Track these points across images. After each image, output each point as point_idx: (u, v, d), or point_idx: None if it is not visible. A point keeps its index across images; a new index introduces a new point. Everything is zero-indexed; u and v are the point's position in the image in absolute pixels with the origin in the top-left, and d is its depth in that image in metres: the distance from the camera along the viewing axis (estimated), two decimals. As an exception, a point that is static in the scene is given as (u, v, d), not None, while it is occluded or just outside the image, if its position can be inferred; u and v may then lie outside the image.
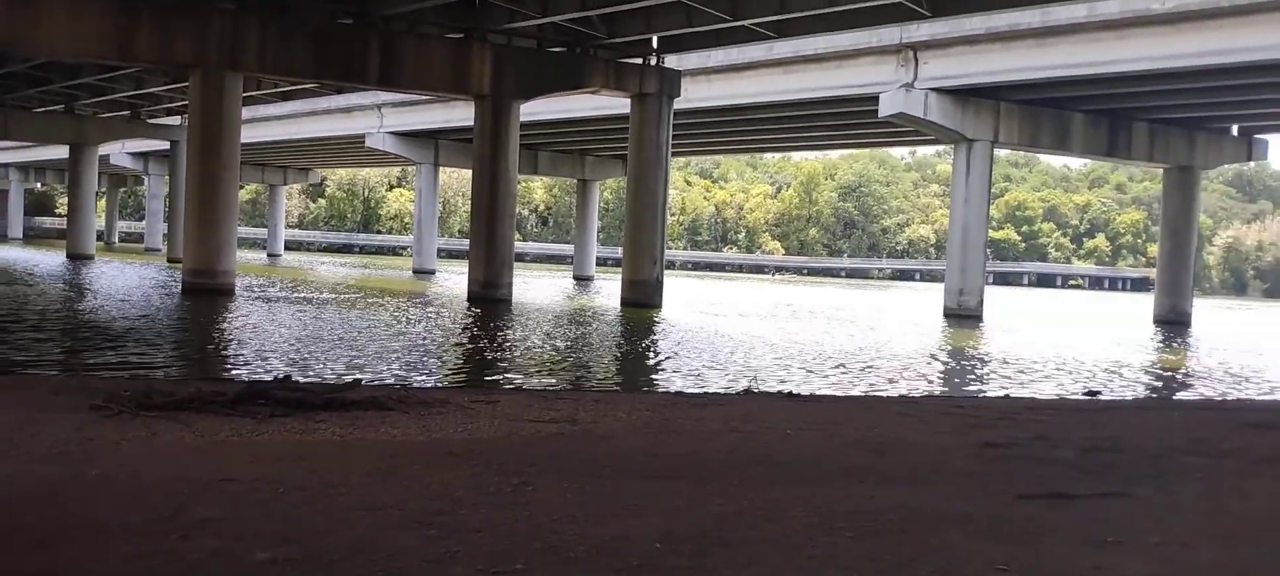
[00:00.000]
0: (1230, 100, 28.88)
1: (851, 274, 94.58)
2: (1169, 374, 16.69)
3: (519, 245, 78.02)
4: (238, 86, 23.89)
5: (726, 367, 13.61)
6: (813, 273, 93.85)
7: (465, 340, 16.45)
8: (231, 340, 14.68)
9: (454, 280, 38.23)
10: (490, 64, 25.55)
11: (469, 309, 23.49)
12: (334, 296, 26.27)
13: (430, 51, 25.48)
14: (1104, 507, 4.69)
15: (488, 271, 26.20)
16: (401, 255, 79.38)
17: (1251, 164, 46.54)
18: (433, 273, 47.44)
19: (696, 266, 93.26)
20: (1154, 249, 46.91)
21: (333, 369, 11.30)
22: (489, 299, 25.53)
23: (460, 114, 36.47)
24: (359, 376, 10.06)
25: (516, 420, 6.98)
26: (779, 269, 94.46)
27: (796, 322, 24.75)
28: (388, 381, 10.34)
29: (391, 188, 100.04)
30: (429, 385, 10.34)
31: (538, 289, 36.82)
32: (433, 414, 7.06)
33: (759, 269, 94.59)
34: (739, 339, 18.54)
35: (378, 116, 46.69)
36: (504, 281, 26.29)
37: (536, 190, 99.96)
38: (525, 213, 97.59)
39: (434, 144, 48.55)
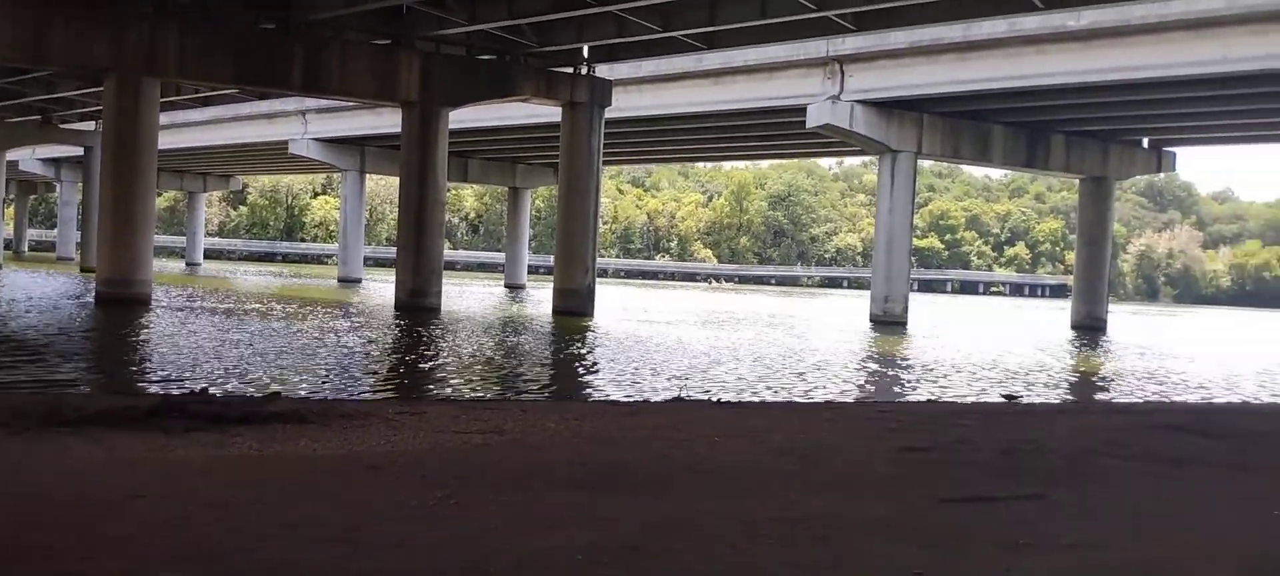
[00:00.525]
0: (1142, 114, 30.03)
1: (781, 281, 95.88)
2: (1086, 377, 17.23)
3: (449, 253, 77.46)
4: (155, 91, 23.18)
5: (657, 375, 13.62)
6: (743, 280, 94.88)
7: (391, 350, 16.17)
8: (146, 352, 14.19)
9: (381, 289, 37.62)
10: (418, 71, 25.23)
11: (396, 318, 23.12)
12: (254, 306, 25.61)
13: (356, 57, 25.06)
14: (1021, 510, 4.80)
15: (416, 280, 25.84)
16: (327, 264, 77.94)
17: (1161, 175, 48.47)
18: (359, 281, 46.64)
19: (629, 274, 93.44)
20: (1071, 257, 48.50)
21: (252, 381, 10.99)
22: (417, 308, 25.16)
23: (388, 120, 35.96)
24: (278, 389, 9.81)
25: (442, 431, 6.87)
26: (716, 277, 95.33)
27: (727, 330, 24.92)
28: (309, 394, 10.10)
29: (316, 195, 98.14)
30: (352, 397, 10.13)
31: (468, 297, 36.43)
32: (355, 426, 6.90)
33: (691, 277, 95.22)
34: (670, 347, 18.59)
35: (302, 122, 45.75)
36: (433, 290, 25.95)
37: (467, 198, 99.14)
38: (455, 221, 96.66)
39: (360, 151, 47.78)
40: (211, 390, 9.43)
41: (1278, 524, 4.70)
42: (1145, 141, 35.18)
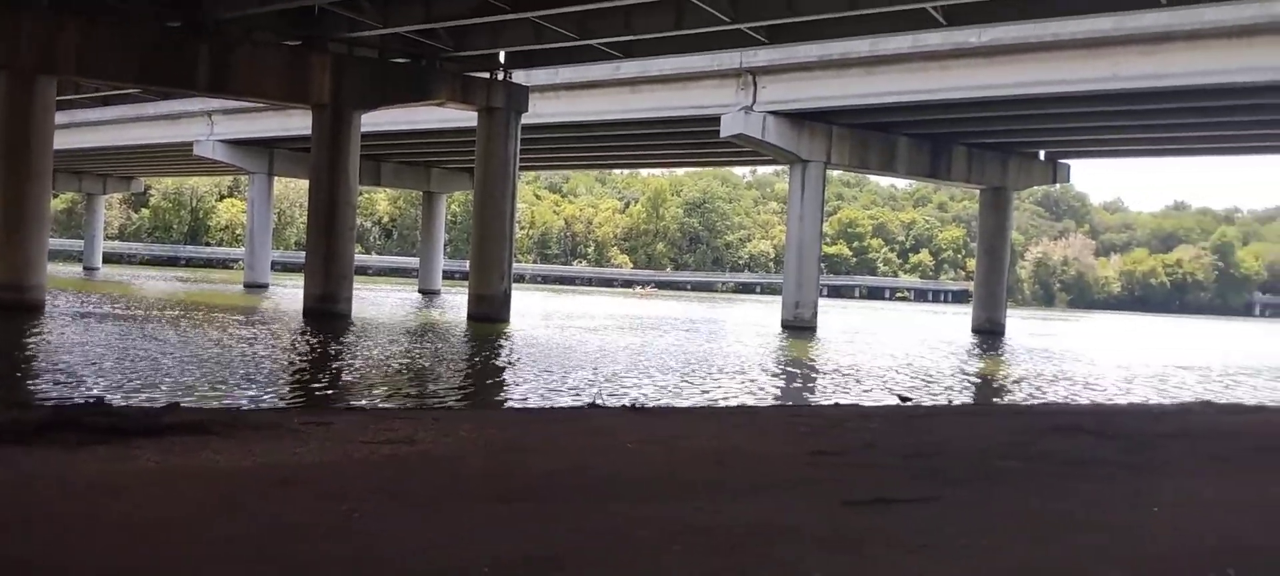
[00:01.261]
0: (1038, 127, 31.31)
1: (697, 287, 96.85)
2: (987, 380, 17.87)
3: (361, 258, 75.73)
4: (51, 90, 22.21)
5: (573, 382, 13.63)
6: (660, 286, 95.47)
7: (298, 358, 15.81)
8: (38, 362, 13.57)
9: (289, 294, 36.70)
10: (330, 73, 24.75)
11: (304, 324, 22.60)
12: (155, 312, 24.72)
13: (265, 58, 24.44)
14: (922, 511, 4.97)
15: (325, 285, 25.30)
16: (233, 268, 75.68)
17: (1057, 186, 50.62)
18: (266, 286, 45.44)
19: (546, 280, 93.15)
20: (973, 264, 50.12)
21: (151, 391, 10.63)
22: (326, 314, 24.65)
23: (298, 122, 35.15)
24: (179, 399, 9.50)
25: (351, 442, 6.75)
26: (644, 283, 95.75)
27: (643, 335, 25.07)
28: (211, 403, 9.82)
29: (222, 197, 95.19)
30: (257, 407, 9.88)
31: (380, 303, 35.82)
32: (260, 438, 6.73)
33: (608, 282, 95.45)
34: (587, 352, 18.62)
35: (208, 123, 44.37)
36: (343, 295, 25.44)
37: (380, 201, 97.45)
38: (368, 225, 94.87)
39: (269, 153, 46.56)
40: (109, 400, 9.08)
41: (1160, 521, 4.97)
42: (1042, 154, 36.68)
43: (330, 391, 11.95)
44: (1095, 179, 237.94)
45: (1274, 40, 22.06)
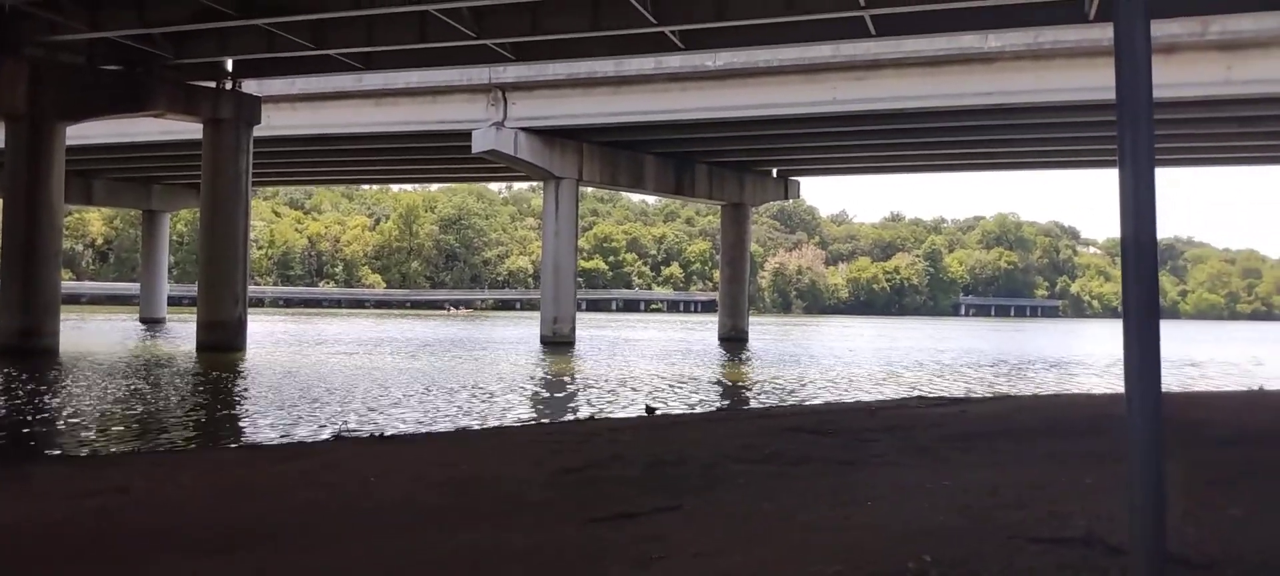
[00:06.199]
0: (770, 147, 33.48)
1: (455, 305, 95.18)
2: (730, 386, 18.81)
3: (72, 285, 68.51)
4: None
5: (316, 413, 12.94)
6: (416, 305, 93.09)
7: (-7, 402, 13.95)
8: None
9: (-17, 330, 32.35)
10: (26, 80, 22.12)
11: (1, 365, 20.00)
12: None
13: (-58, 61, 21.46)
14: (659, 523, 5.11)
15: (25, 318, 22.52)
16: (-90, 301, 65.66)
17: (789, 201, 54.31)
18: (-46, 321, 39.76)
19: (289, 303, 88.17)
20: (718, 275, 52.75)
21: None
22: (28, 351, 21.95)
23: (-12, 135, 31.11)
24: None
25: (48, 497, 6.04)
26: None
27: (396, 358, 24.28)
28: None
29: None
30: (-66, 463, 8.61)
31: (94, 336, 32.43)
32: (-68, 501, 5.87)
33: (360, 303, 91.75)
34: (333, 381, 17.75)
35: None
36: (48, 329, 22.77)
37: (93, 222, 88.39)
38: (78, 248, 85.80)
39: (-47, 169, 40.85)
40: None
41: (868, 512, 5.40)
42: (775, 171, 39.27)
43: (28, 441, 10.62)
44: (823, 194, 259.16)
45: (961, 71, 24.87)
